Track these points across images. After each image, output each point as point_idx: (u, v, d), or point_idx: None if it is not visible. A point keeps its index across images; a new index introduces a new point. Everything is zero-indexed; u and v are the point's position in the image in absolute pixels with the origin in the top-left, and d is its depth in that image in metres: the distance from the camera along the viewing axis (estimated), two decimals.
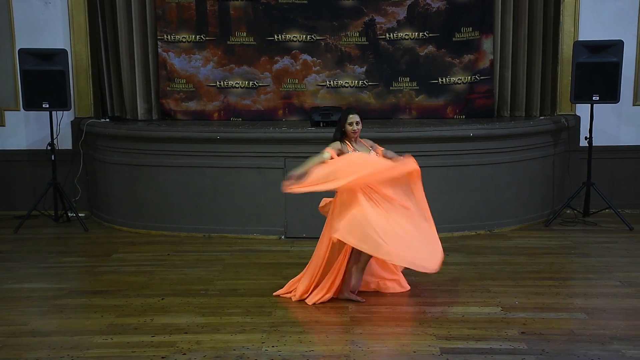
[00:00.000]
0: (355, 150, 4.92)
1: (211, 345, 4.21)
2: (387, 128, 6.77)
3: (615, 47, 6.81)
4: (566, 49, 7.35)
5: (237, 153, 6.73)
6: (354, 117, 4.90)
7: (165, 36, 7.51)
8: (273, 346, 4.19)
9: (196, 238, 6.71)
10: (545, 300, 4.90)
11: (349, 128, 4.90)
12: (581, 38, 7.25)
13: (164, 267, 5.81)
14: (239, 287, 5.27)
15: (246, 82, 7.59)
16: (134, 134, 6.99)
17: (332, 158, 4.83)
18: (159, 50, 7.52)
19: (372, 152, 4.99)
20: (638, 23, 7.35)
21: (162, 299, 5.02)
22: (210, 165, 6.75)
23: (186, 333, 4.39)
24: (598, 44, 6.88)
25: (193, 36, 7.53)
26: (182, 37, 7.53)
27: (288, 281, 5.35)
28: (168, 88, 7.59)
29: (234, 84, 7.60)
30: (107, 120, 7.50)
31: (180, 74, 7.58)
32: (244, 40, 7.54)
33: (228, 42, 7.53)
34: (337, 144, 4.93)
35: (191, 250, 6.32)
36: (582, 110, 7.35)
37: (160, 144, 6.85)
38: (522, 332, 4.35)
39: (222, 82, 7.59)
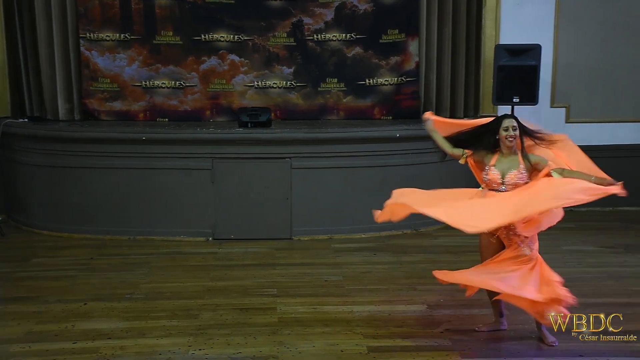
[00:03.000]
0: (494, 166, 4.23)
1: (136, 350, 4.13)
2: (315, 129, 6.80)
3: (533, 51, 7.05)
4: (488, 52, 7.56)
5: (163, 154, 6.62)
6: (510, 122, 4.20)
7: (87, 34, 7.30)
8: (200, 349, 4.15)
9: (121, 241, 6.56)
10: (469, 298, 5.01)
11: (503, 134, 4.19)
12: (502, 42, 7.47)
13: (86, 272, 5.65)
14: (165, 291, 5.18)
15: (172, 82, 7.47)
16: (55, 135, 6.78)
17: (468, 156, 4.38)
18: (82, 48, 7.31)
19: (519, 172, 4.18)
20: (554, 28, 7.63)
21: (85, 304, 4.88)
22: (135, 167, 6.62)
23: (110, 338, 4.29)
24: (518, 48, 7.10)
25: (117, 35, 7.36)
26: (106, 36, 7.34)
27: (216, 283, 5.32)
28: (91, 88, 7.39)
29: (160, 84, 7.46)
30: (26, 120, 7.24)
31: (104, 73, 7.39)
32: (170, 39, 7.42)
33: (154, 42, 7.39)
34: (483, 151, 4.31)
35: (116, 254, 6.17)
36: (504, 111, 7.54)
37: (83, 145, 6.67)
38: (447, 329, 4.45)
39: (147, 82, 7.44)
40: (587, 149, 4.30)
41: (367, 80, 7.60)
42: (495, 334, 4.39)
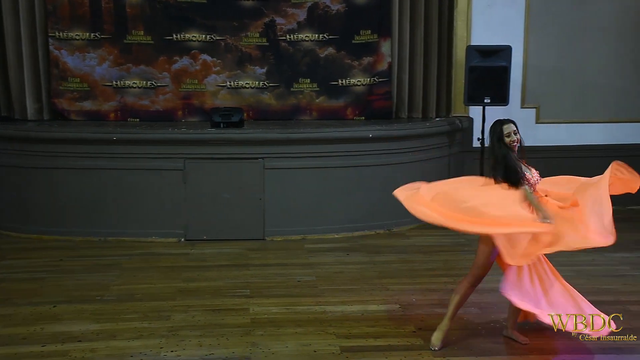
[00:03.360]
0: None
1: (107, 352, 4.09)
2: (288, 129, 6.79)
3: (504, 52, 7.11)
4: (459, 53, 7.61)
5: (135, 154, 6.56)
6: (509, 127, 4.10)
7: (57, 33, 7.21)
8: (172, 351, 4.11)
9: (92, 242, 6.48)
10: (441, 297, 5.04)
11: (507, 140, 4.10)
12: (473, 43, 7.53)
13: (57, 274, 5.57)
14: (137, 292, 5.13)
15: (144, 82, 7.40)
16: (23, 135, 6.67)
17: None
18: (50, 47, 7.21)
19: (535, 172, 4.15)
20: (524, 30, 7.72)
21: (54, 306, 4.81)
22: (106, 167, 6.55)
23: (80, 341, 4.23)
24: (488, 49, 7.15)
25: (87, 34, 7.27)
26: (76, 35, 7.25)
27: (189, 284, 5.29)
28: (61, 87, 7.30)
29: (131, 84, 7.39)
30: None
31: (73, 72, 7.30)
32: (141, 39, 7.35)
33: (124, 41, 7.33)
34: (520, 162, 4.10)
35: (87, 255, 6.10)
36: (475, 112, 7.63)
37: (53, 145, 6.57)
38: (419, 328, 4.47)
39: (118, 82, 7.37)
40: (556, 150, 4.35)
41: (339, 81, 7.61)
42: (468, 333, 4.41)
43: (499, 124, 4.17)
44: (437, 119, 7.66)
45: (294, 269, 5.75)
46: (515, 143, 4.12)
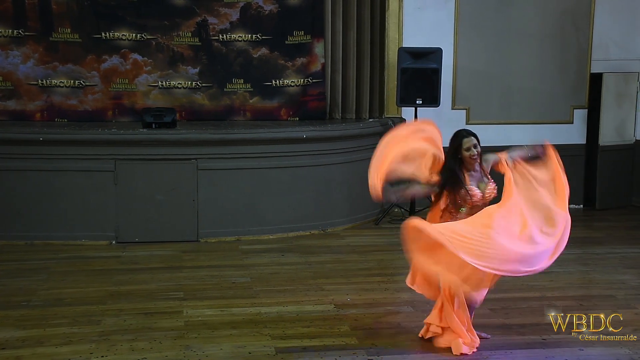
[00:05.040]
0: (472, 185, 4.03)
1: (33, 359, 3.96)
2: (221, 130, 6.74)
3: (434, 54, 7.26)
4: (392, 55, 7.71)
5: (62, 155, 6.39)
6: (469, 141, 4.01)
7: None
8: (102, 356, 4.01)
9: (17, 246, 6.26)
10: (375, 296, 5.10)
11: (465, 154, 4.01)
12: (405, 45, 7.64)
13: None
14: (65, 297, 4.99)
15: (72, 81, 7.20)
16: None
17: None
18: None
19: (490, 183, 4.07)
20: (454, 33, 7.89)
21: None
22: (32, 169, 6.37)
23: (4, 349, 4.08)
24: (420, 51, 7.28)
25: (10, 30, 7.03)
26: None
27: (120, 287, 5.17)
28: None
29: (58, 83, 7.18)
30: None
31: None
32: (68, 36, 7.15)
33: (50, 39, 7.12)
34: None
35: (11, 260, 5.90)
36: (407, 113, 7.74)
37: None
38: (354, 328, 4.50)
39: (44, 81, 7.15)
40: (485, 150, 4.38)
41: (273, 82, 7.60)
42: (401, 331, 4.47)
43: (459, 138, 4.07)
44: (370, 119, 7.75)
45: (228, 271, 5.70)
46: (476, 156, 4.03)
